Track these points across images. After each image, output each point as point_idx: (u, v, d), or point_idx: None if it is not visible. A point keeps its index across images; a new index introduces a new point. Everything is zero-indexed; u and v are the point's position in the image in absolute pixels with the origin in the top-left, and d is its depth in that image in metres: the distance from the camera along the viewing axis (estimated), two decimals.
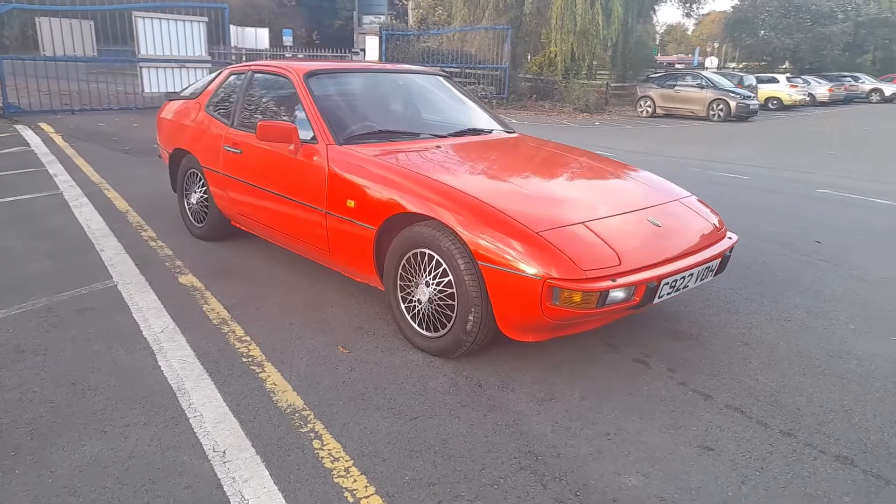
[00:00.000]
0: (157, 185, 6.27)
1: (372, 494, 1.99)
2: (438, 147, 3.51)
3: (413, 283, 2.93)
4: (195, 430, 2.30)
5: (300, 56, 24.47)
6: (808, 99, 25.76)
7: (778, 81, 25.45)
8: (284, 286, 3.76)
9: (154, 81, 12.40)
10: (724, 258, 3.02)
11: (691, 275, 2.78)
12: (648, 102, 20.79)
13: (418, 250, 2.86)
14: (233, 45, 12.98)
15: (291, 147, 3.47)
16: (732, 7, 41.36)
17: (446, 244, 2.69)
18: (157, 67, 12.40)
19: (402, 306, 3.02)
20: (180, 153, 4.64)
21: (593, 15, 20.71)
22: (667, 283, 2.64)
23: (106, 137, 9.32)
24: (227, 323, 3.23)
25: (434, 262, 2.79)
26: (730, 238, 3.18)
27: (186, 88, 5.11)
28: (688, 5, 34.87)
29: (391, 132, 3.62)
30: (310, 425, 2.36)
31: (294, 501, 1.95)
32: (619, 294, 2.49)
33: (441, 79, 4.42)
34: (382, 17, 34.81)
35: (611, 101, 23.37)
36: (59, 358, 2.82)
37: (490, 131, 4.02)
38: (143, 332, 3.09)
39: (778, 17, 37.38)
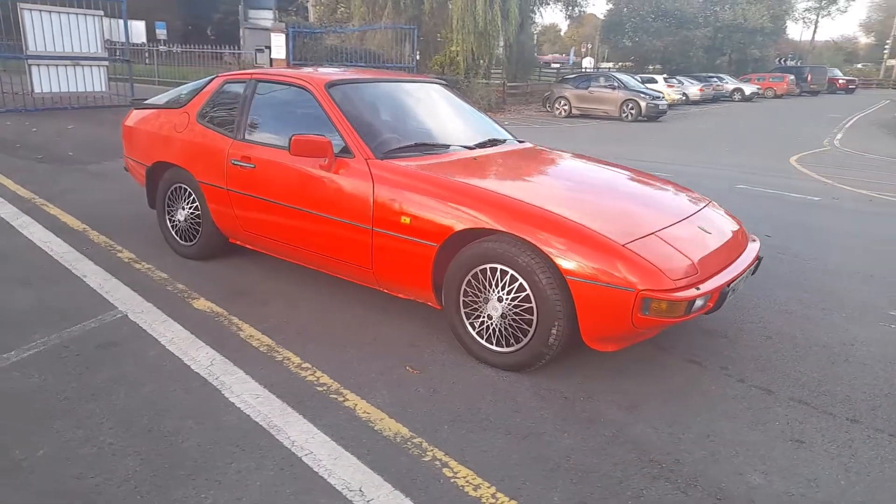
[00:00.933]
0: (99, 198, 5.83)
1: None
2: (475, 159, 3.53)
3: (481, 299, 2.93)
4: (316, 470, 2.20)
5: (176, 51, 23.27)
6: (683, 98, 27.81)
7: (657, 81, 27.28)
8: (310, 305, 3.62)
9: (45, 81, 11.28)
10: (760, 259, 3.27)
11: (744, 277, 3.00)
12: (564, 103, 21.34)
13: (488, 266, 2.86)
14: (105, 38, 12.00)
15: (324, 162, 3.34)
16: (607, 11, 43.75)
17: (525, 259, 2.72)
18: (48, 65, 11.29)
19: (467, 323, 3.02)
20: (162, 167, 4.31)
21: (493, 15, 21.21)
22: (732, 288, 2.83)
23: (7, 144, 8.39)
24: (275, 350, 3.07)
25: (508, 277, 2.81)
26: (755, 239, 3.44)
27: (159, 96, 4.74)
28: (570, 8, 36.47)
29: (425, 145, 3.58)
30: (430, 453, 2.32)
31: None
32: (700, 301, 2.64)
33: (441, 87, 4.40)
34: (271, 12, 33.68)
35: (508, 101, 24.05)
36: (113, 403, 2.57)
37: (504, 141, 4.07)
38: (192, 367, 2.87)
39: (649, 22, 40.01)
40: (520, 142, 4.17)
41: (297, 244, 3.61)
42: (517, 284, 2.79)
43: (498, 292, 2.86)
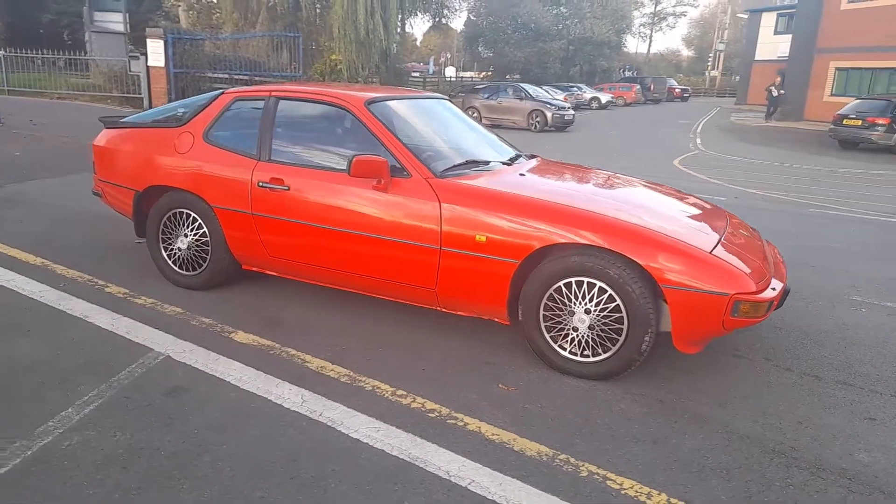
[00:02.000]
0: (28, 226, 5.18)
1: None
2: (523, 175, 3.60)
3: (565, 312, 3.02)
4: (490, 497, 2.18)
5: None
6: None
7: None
8: (356, 329, 3.51)
9: None
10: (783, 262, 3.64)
11: None
12: (475, 112, 21.48)
13: (574, 279, 2.96)
14: None
15: (378, 182, 3.26)
16: (467, 21, 45.20)
17: (616, 271, 2.86)
18: None
19: (548, 336, 3.09)
20: (157, 192, 3.95)
21: (374, 25, 21.24)
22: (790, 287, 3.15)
23: None
24: (359, 379, 2.96)
25: (596, 289, 2.93)
26: (769, 242, 3.83)
27: (137, 115, 4.32)
28: (436, 18, 37.32)
29: (473, 162, 3.60)
30: (583, 467, 2.37)
31: None
32: (773, 302, 2.92)
33: (448, 102, 4.42)
34: (121, 15, 31.16)
35: None
36: (231, 454, 2.36)
37: (519, 156, 4.17)
38: (286, 406, 2.70)
39: (508, 34, 41.92)
40: (530, 156, 4.28)
41: (342, 267, 3.48)
42: (606, 296, 2.91)
43: (585, 304, 2.96)
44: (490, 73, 45.65)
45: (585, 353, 3.03)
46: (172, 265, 4.00)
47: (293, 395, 2.79)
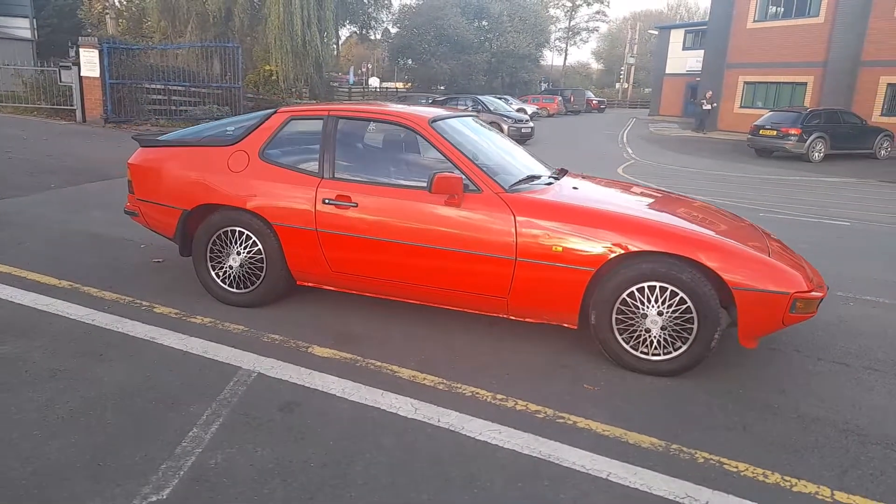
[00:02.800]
0: (34, 247, 4.97)
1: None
2: (576, 188, 3.85)
3: (638, 315, 3.28)
4: (641, 488, 2.40)
5: None
6: None
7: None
8: (426, 338, 3.65)
9: None
10: None
11: None
12: None
13: (646, 284, 3.24)
14: None
15: (451, 198, 3.43)
16: (394, 34, 45.46)
17: (687, 276, 3.16)
18: None
19: (620, 338, 3.35)
20: (207, 210, 3.93)
21: (311, 35, 21.08)
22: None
23: None
24: (456, 387, 3.11)
25: (668, 292, 3.21)
26: None
27: (177, 133, 4.26)
28: (363, 30, 37.41)
29: (531, 177, 3.81)
30: (698, 454, 2.63)
31: None
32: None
33: (477, 119, 4.61)
34: (27, 20, 29.36)
35: None
36: (378, 462, 2.47)
37: (563, 170, 4.40)
38: (402, 414, 2.82)
39: (434, 45, 42.50)
40: (560, 169, 4.53)
41: (410, 280, 3.61)
42: (678, 298, 3.20)
43: (657, 307, 3.24)
44: (413, 84, 46.10)
45: (656, 351, 3.30)
46: (221, 283, 3.99)
47: (403, 403, 2.91)
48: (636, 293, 3.26)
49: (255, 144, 3.87)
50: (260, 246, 3.85)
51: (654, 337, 3.28)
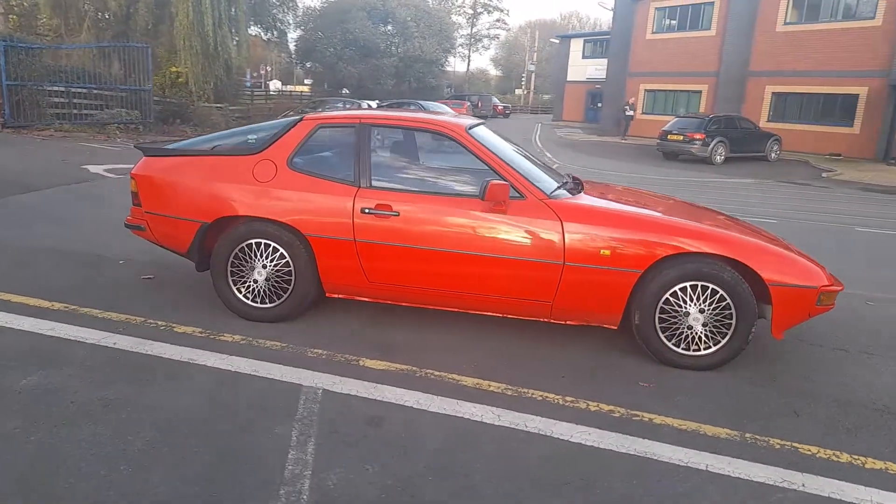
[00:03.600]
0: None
1: None
2: (604, 194, 3.98)
3: (681, 313, 3.46)
4: (739, 475, 2.55)
5: None
6: None
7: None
8: (473, 345, 3.66)
9: None
10: None
11: None
12: None
13: (689, 284, 3.42)
14: None
15: (499, 204, 3.47)
16: (298, 36, 44.53)
17: (728, 275, 3.37)
18: None
19: (663, 336, 3.51)
20: (226, 223, 3.74)
21: (222, 37, 20.28)
22: None
23: None
24: (523, 391, 3.16)
25: (709, 291, 3.41)
26: None
27: (187, 142, 4.01)
28: (270, 32, 36.36)
29: (566, 183, 3.91)
30: (782, 444, 2.82)
31: None
32: None
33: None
34: None
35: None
36: (496, 471, 2.48)
37: (577, 177, 4.53)
38: (488, 422, 2.84)
39: (340, 48, 42.01)
40: (571, 175, 4.67)
41: (452, 288, 3.62)
42: (718, 296, 3.41)
43: (699, 305, 3.44)
44: (317, 88, 45.33)
45: (696, 347, 3.49)
46: (243, 298, 3.81)
47: (482, 411, 2.92)
48: (678, 293, 3.44)
49: (282, 153, 3.73)
50: (288, 258, 3.71)
51: (697, 333, 3.47)
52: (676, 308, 3.46)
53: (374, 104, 23.87)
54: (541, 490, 2.36)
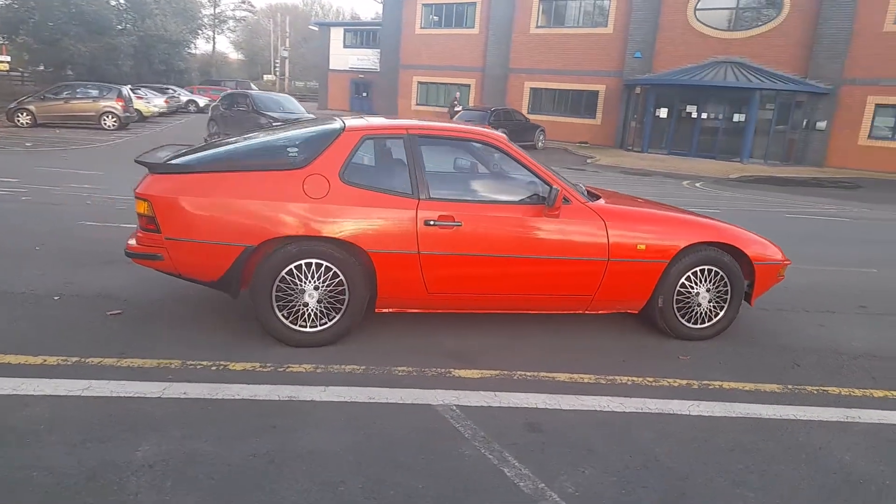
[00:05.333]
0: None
1: None
2: (613, 200, 4.41)
3: (694, 294, 4.10)
4: (825, 419, 3.23)
5: None
6: (157, 111, 27.31)
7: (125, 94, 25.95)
8: (526, 344, 3.87)
9: None
10: None
11: None
12: (28, 115, 18.91)
13: (699, 269, 4.08)
14: None
15: (554, 210, 3.74)
16: (4, 5, 37.49)
17: (727, 259, 4.10)
18: None
19: (679, 314, 4.13)
20: (274, 245, 3.41)
21: None
22: None
23: None
24: (618, 380, 3.50)
25: (712, 273, 4.11)
26: None
27: (202, 156, 3.46)
28: None
29: (580, 187, 4.26)
30: (821, 388, 3.57)
31: None
32: None
33: None
34: None
35: None
36: (708, 464, 2.80)
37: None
38: (630, 410, 3.13)
39: (63, 23, 36.43)
40: None
41: (508, 291, 3.80)
42: (718, 277, 4.12)
43: (706, 285, 4.11)
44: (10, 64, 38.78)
45: (701, 321, 4.16)
46: (291, 324, 3.53)
47: (609, 402, 3.20)
48: (691, 276, 4.07)
49: (331, 167, 3.50)
50: (342, 277, 3.53)
51: (703, 310, 4.14)
52: (689, 290, 4.08)
53: (125, 90, 21.22)
54: (768, 465, 2.75)
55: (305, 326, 3.56)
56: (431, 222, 3.56)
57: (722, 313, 4.17)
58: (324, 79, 42.15)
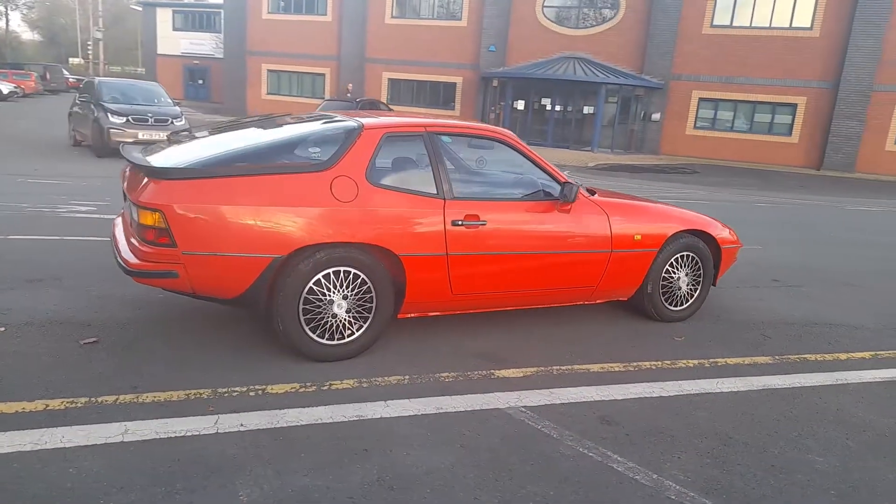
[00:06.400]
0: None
1: None
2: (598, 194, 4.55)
3: (674, 279, 4.40)
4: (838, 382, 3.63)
5: None
6: None
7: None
8: (551, 340, 3.91)
9: None
10: None
11: None
12: None
13: (679, 255, 4.39)
14: None
15: (565, 205, 3.82)
16: None
17: (702, 245, 4.45)
18: None
19: (664, 299, 4.41)
20: (301, 254, 3.12)
21: None
22: None
23: None
24: (642, 365, 3.65)
25: (689, 258, 4.44)
26: None
27: (213, 158, 3.03)
28: None
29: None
30: (805, 356, 4.00)
31: None
32: None
33: None
34: None
35: None
36: (804, 448, 3.01)
37: None
38: (695, 391, 3.30)
39: None
40: None
41: (526, 287, 3.82)
42: (693, 261, 4.45)
43: (685, 269, 4.43)
44: None
45: (680, 304, 4.48)
46: (318, 338, 3.27)
47: (651, 388, 3.34)
48: (674, 262, 4.36)
49: (357, 167, 3.26)
50: (370, 284, 3.33)
51: (683, 293, 4.46)
52: (672, 275, 4.37)
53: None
54: (813, 430, 3.00)
55: (333, 339, 3.31)
56: (459, 222, 3.47)
57: (696, 294, 4.52)
58: (151, 64, 38.86)
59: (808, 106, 21.63)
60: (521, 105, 23.21)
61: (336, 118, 3.68)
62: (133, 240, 3.09)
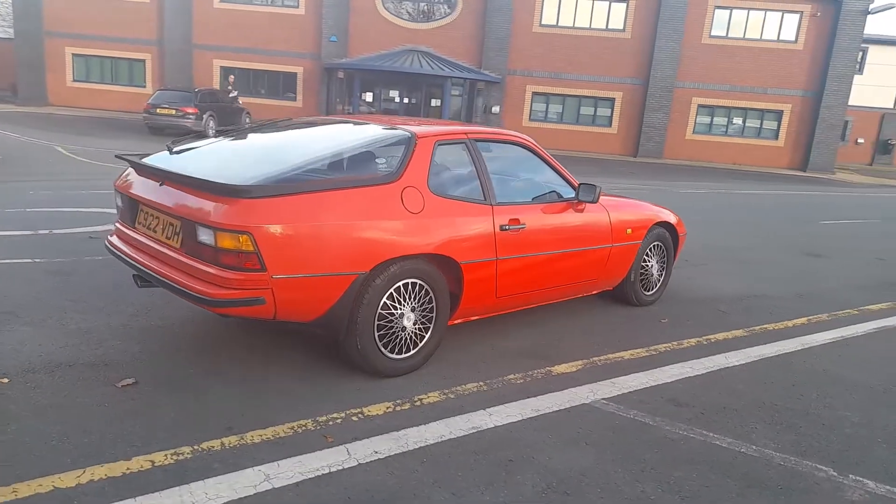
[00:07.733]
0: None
1: None
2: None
3: (649, 267, 4.84)
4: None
5: None
6: None
7: None
8: (564, 336, 4.09)
9: None
10: None
11: None
12: None
13: (653, 244, 4.84)
14: None
15: (580, 205, 4.07)
16: None
17: (669, 233, 4.95)
18: None
19: (640, 286, 4.84)
20: (377, 270, 2.99)
21: None
22: None
23: None
24: (660, 348, 4.01)
25: (659, 248, 4.92)
26: None
27: (282, 172, 2.74)
28: None
29: None
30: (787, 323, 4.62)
31: None
32: None
33: None
34: None
35: None
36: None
37: None
38: (731, 363, 3.68)
39: None
40: None
41: (553, 284, 4.00)
42: (661, 250, 4.94)
43: (657, 257, 4.90)
44: None
45: (654, 287, 4.95)
46: (389, 353, 3.18)
47: (683, 369, 3.68)
48: (649, 251, 4.80)
49: (419, 177, 3.18)
50: (432, 294, 3.30)
51: (654, 279, 4.92)
52: (647, 263, 4.81)
53: None
54: (820, 391, 3.49)
55: (400, 353, 3.23)
56: (505, 227, 3.54)
57: (662, 279, 5.01)
58: None
59: (623, 100, 24.14)
60: (369, 97, 23.10)
61: (369, 124, 3.55)
62: (198, 265, 2.75)
